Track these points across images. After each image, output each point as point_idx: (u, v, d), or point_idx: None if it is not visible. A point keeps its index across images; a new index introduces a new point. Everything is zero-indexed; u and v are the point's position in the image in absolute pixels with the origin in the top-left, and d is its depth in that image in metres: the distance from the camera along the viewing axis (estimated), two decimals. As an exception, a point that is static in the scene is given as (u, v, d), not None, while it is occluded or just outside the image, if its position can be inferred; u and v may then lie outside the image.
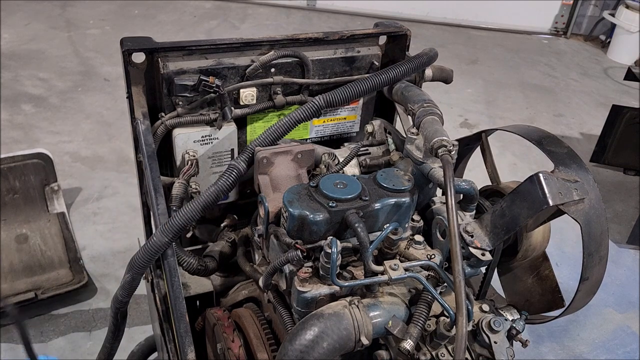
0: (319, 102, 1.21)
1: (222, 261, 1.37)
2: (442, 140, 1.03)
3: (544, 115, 4.27)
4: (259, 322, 1.25)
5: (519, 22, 5.86)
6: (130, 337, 2.19)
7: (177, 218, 1.07)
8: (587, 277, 1.03)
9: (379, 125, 1.39)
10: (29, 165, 2.46)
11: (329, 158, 1.28)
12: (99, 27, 4.98)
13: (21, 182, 2.47)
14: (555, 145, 1.06)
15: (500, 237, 1.01)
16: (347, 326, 0.94)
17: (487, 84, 4.66)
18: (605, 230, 1.01)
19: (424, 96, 1.21)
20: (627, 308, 2.60)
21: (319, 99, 1.21)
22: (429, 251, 1.06)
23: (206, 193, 1.10)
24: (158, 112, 1.27)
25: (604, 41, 5.69)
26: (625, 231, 3.04)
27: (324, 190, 1.03)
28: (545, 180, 0.96)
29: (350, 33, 1.36)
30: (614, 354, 2.36)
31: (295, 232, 1.02)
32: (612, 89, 4.82)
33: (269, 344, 1.20)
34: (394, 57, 1.43)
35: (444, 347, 0.99)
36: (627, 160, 3.36)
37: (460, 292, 0.88)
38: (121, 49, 1.19)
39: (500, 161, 3.31)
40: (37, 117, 3.59)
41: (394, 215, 1.08)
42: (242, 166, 1.15)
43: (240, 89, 1.28)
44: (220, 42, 1.26)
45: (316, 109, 1.21)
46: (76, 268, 2.38)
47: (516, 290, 1.27)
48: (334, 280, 0.95)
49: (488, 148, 1.26)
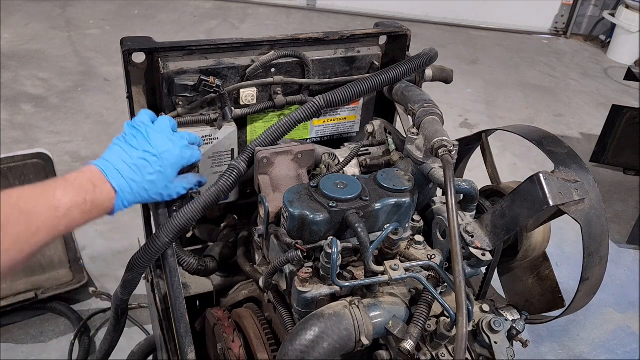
0: (319, 103, 1.21)
1: (222, 261, 1.37)
2: (443, 141, 1.03)
3: (544, 115, 4.28)
4: (259, 322, 1.25)
5: (519, 22, 5.86)
6: (130, 337, 2.19)
7: (177, 218, 1.07)
8: (587, 278, 1.03)
9: (379, 125, 1.39)
10: (29, 165, 2.46)
11: (329, 158, 1.28)
12: (99, 27, 4.98)
13: (21, 182, 2.46)
14: (556, 145, 1.06)
15: (500, 237, 1.01)
16: (347, 326, 0.94)
17: (487, 84, 4.67)
18: (605, 230, 1.01)
19: (424, 96, 1.20)
20: (627, 308, 2.60)
21: (319, 100, 1.21)
22: (429, 251, 1.06)
23: (207, 193, 1.11)
24: (158, 112, 1.27)
25: (604, 41, 5.69)
26: (625, 231, 3.04)
27: (324, 191, 1.03)
28: (545, 180, 0.96)
29: (351, 33, 1.36)
30: (614, 354, 2.36)
31: (296, 232, 1.02)
32: (612, 89, 4.82)
33: (269, 344, 1.20)
34: (394, 57, 1.43)
35: (445, 347, 0.99)
36: (627, 160, 3.36)
37: (460, 293, 0.88)
38: (121, 49, 1.19)
39: (500, 161, 3.31)
40: (37, 117, 3.59)
41: (394, 215, 1.08)
42: (243, 166, 1.15)
43: (240, 89, 1.28)
44: (221, 42, 1.26)
45: (316, 109, 1.21)
46: (76, 268, 2.38)
47: (516, 291, 1.27)
48: (335, 281, 0.95)
49: (488, 148, 1.26)
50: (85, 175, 0.97)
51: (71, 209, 0.91)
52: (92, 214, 0.96)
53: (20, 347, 2.14)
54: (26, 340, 2.17)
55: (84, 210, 0.93)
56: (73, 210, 0.91)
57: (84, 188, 0.94)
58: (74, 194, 0.92)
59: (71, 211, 0.91)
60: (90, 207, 0.94)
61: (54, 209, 0.89)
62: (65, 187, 0.92)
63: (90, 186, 0.95)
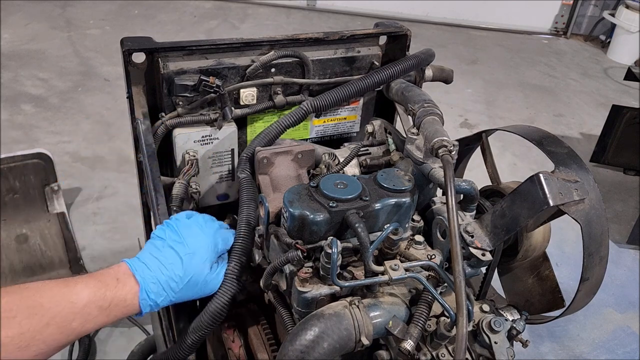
0: (307, 108, 1.25)
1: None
2: (443, 141, 1.03)
3: (544, 115, 4.27)
4: (259, 322, 1.25)
5: (519, 22, 5.86)
6: (130, 337, 2.19)
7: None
8: (587, 278, 1.03)
9: (379, 125, 1.39)
10: (29, 165, 2.46)
11: (329, 158, 1.28)
12: (99, 27, 4.98)
13: (21, 182, 2.47)
14: (556, 145, 1.06)
15: (500, 237, 1.01)
16: (347, 326, 0.94)
17: (487, 84, 4.66)
18: (605, 230, 1.01)
19: (424, 96, 1.21)
20: (627, 308, 2.60)
21: (307, 104, 1.25)
22: (429, 251, 1.06)
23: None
24: (158, 112, 1.27)
25: (604, 41, 5.69)
26: (625, 231, 3.04)
27: (324, 191, 1.03)
28: (545, 180, 0.96)
29: (351, 33, 1.37)
30: (614, 354, 2.36)
31: (296, 232, 1.02)
32: (612, 89, 4.82)
33: (269, 344, 1.20)
34: (394, 57, 1.43)
35: (445, 347, 0.99)
36: (627, 160, 3.36)
37: (460, 293, 0.88)
38: (121, 49, 1.19)
39: (500, 161, 3.31)
40: (37, 117, 3.59)
41: (394, 215, 1.08)
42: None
43: (240, 89, 1.28)
44: (221, 42, 1.26)
45: (303, 114, 1.26)
46: (76, 268, 2.38)
47: (516, 291, 1.27)
48: (335, 281, 0.95)
49: (488, 148, 1.26)
50: (113, 270, 0.91)
51: (88, 305, 0.84)
52: (113, 312, 0.87)
53: (20, 347, 2.14)
54: (26, 340, 2.17)
55: (102, 307, 0.86)
56: (90, 306, 0.84)
57: (106, 282, 0.87)
58: (94, 289, 0.86)
59: (88, 307, 0.84)
60: (109, 304, 0.86)
61: (69, 303, 0.82)
62: (87, 281, 0.86)
63: (112, 281, 0.88)
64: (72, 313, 0.82)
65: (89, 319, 0.84)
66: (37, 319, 0.78)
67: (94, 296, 0.85)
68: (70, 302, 0.82)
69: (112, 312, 0.87)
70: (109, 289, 0.87)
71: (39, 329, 0.78)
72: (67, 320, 0.81)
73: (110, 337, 2.20)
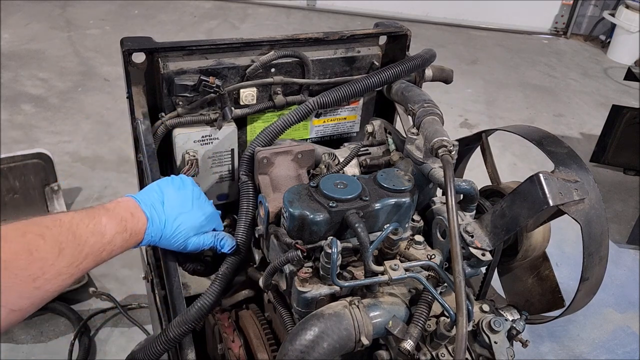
0: (313, 104, 1.23)
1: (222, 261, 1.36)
2: (443, 141, 1.03)
3: (544, 115, 4.27)
4: (259, 322, 1.25)
5: (519, 22, 5.85)
6: (130, 337, 2.19)
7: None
8: (587, 278, 1.03)
9: (379, 125, 1.39)
10: (29, 165, 2.46)
11: (329, 158, 1.28)
12: (99, 27, 4.98)
13: (21, 182, 2.47)
14: (556, 145, 1.06)
15: (500, 237, 1.01)
16: (347, 326, 0.94)
17: (487, 84, 4.66)
18: (605, 230, 1.01)
19: (424, 96, 1.21)
20: (627, 308, 2.60)
21: (314, 101, 1.23)
22: (429, 251, 1.06)
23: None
24: (158, 112, 1.27)
25: (604, 41, 5.69)
26: (625, 231, 3.04)
27: (324, 191, 1.03)
28: (545, 180, 0.96)
29: (351, 33, 1.36)
30: (614, 354, 2.36)
31: (296, 232, 1.02)
32: (612, 89, 4.82)
33: (269, 344, 1.20)
34: (394, 57, 1.43)
35: (444, 347, 0.99)
36: (627, 160, 3.36)
37: (460, 292, 0.88)
38: (121, 49, 1.19)
39: (500, 161, 3.31)
40: (37, 117, 3.59)
41: (394, 215, 1.08)
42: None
43: (240, 89, 1.28)
44: (221, 42, 1.26)
45: (310, 109, 1.24)
46: (76, 268, 2.38)
47: (516, 291, 1.27)
48: (334, 281, 0.95)
49: (488, 148, 1.26)
50: (122, 204, 0.99)
51: (115, 236, 0.93)
52: (129, 243, 0.97)
53: (20, 347, 2.14)
54: (26, 340, 2.17)
55: (125, 239, 0.95)
56: (116, 238, 0.93)
57: (124, 216, 0.96)
58: (117, 222, 0.94)
59: (115, 238, 0.93)
60: (129, 236, 0.96)
61: (100, 235, 0.91)
62: (108, 215, 0.94)
63: (128, 215, 0.98)
64: (102, 244, 0.91)
65: (114, 250, 0.94)
66: (79, 251, 0.86)
67: (118, 228, 0.94)
68: (100, 234, 0.91)
69: (129, 243, 0.97)
70: (128, 222, 0.96)
71: (80, 260, 0.86)
72: (99, 251, 0.90)
73: (110, 337, 2.20)
